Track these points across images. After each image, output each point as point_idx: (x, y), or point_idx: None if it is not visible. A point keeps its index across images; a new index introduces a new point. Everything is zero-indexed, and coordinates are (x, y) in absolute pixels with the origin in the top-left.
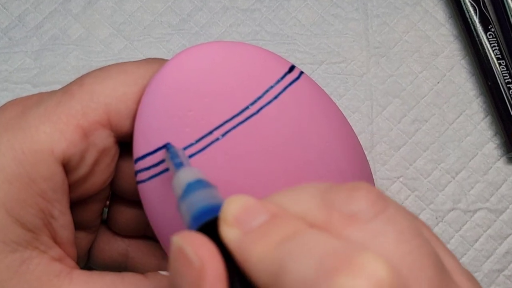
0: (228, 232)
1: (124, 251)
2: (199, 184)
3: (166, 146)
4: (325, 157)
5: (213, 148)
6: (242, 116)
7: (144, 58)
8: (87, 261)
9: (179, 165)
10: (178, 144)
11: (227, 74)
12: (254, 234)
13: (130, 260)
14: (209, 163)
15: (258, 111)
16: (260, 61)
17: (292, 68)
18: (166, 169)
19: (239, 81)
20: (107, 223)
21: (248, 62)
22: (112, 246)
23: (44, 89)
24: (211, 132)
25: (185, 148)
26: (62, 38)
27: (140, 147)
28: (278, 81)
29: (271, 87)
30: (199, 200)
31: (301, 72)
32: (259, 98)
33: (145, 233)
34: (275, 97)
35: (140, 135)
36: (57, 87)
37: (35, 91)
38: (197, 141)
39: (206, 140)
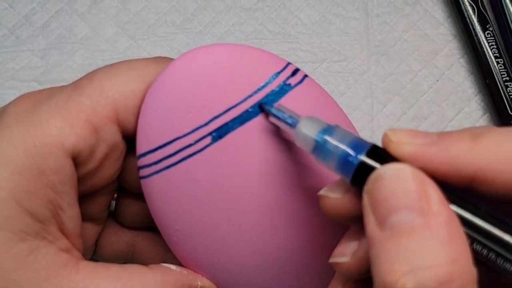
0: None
1: (131, 242)
2: (329, 129)
3: (260, 107)
4: None
5: (211, 149)
6: (242, 118)
7: (149, 56)
8: (93, 254)
9: (294, 119)
10: (176, 144)
11: (229, 77)
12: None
13: (137, 251)
14: (207, 164)
15: (258, 114)
16: (263, 64)
17: (295, 71)
18: (167, 167)
19: (241, 84)
20: (114, 215)
21: (252, 65)
22: (119, 237)
23: (50, 87)
24: (210, 133)
25: (183, 149)
26: (68, 37)
27: (142, 144)
28: (281, 85)
29: (273, 91)
30: (343, 137)
31: (305, 76)
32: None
33: (151, 225)
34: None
35: (142, 133)
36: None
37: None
38: (196, 142)
39: (205, 141)
